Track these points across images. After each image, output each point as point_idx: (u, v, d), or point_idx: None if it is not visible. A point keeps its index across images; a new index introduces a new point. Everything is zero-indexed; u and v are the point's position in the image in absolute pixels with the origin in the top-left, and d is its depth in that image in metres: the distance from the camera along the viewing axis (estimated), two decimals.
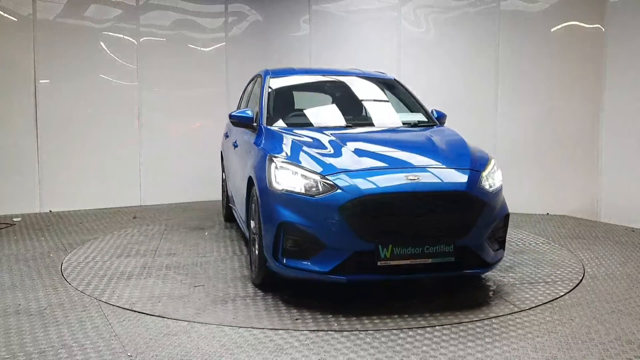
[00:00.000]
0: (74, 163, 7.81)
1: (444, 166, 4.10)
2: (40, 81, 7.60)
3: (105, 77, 8.00)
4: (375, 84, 5.73)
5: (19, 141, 7.54)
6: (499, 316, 3.79)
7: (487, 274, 4.71)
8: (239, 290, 4.36)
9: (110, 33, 8.00)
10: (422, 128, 5.08)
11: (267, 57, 8.71)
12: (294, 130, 4.68)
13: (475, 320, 3.71)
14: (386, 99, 5.63)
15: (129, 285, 4.46)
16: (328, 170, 3.90)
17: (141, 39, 8.20)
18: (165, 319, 3.75)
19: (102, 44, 7.96)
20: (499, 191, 4.21)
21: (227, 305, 4.02)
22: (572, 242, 5.93)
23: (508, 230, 4.44)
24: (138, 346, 3.31)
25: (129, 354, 3.19)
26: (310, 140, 4.42)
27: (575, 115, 7.23)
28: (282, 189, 3.92)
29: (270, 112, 5.08)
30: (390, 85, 5.72)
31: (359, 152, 4.17)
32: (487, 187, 4.07)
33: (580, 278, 4.65)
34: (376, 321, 3.69)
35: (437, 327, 3.60)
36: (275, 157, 4.11)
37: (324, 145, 4.32)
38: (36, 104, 7.58)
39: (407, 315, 3.79)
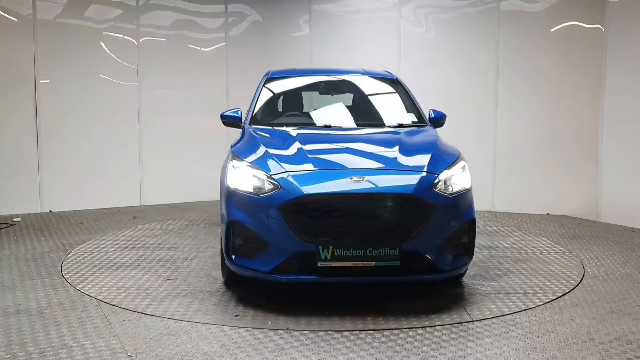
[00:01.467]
0: (74, 163, 7.80)
1: (396, 168, 4.02)
2: (40, 81, 7.60)
3: (105, 77, 8.00)
4: (373, 83, 5.70)
5: (19, 141, 7.53)
6: (499, 316, 3.79)
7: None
8: (205, 285, 4.47)
9: (110, 33, 8.00)
10: (404, 129, 4.91)
11: (267, 57, 8.71)
12: (268, 130, 4.80)
13: (475, 321, 3.72)
14: (380, 99, 5.60)
15: (110, 275, 4.47)
16: (276, 170, 3.93)
17: (141, 39, 8.20)
18: (165, 319, 3.75)
19: (102, 44, 7.95)
20: (461, 195, 4.03)
21: (184, 298, 4.17)
22: (572, 242, 5.93)
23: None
24: (138, 346, 3.31)
25: (129, 354, 3.20)
26: (276, 140, 4.52)
27: (575, 115, 7.23)
28: (234, 188, 4.01)
29: (256, 112, 5.19)
30: (388, 85, 5.66)
31: (315, 153, 4.21)
32: (442, 190, 3.92)
33: (580, 278, 4.65)
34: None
35: (437, 327, 3.60)
36: (235, 156, 4.22)
37: (286, 145, 4.35)
38: (36, 104, 7.58)
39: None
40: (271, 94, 5.53)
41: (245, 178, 3.99)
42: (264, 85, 5.56)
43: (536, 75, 7.43)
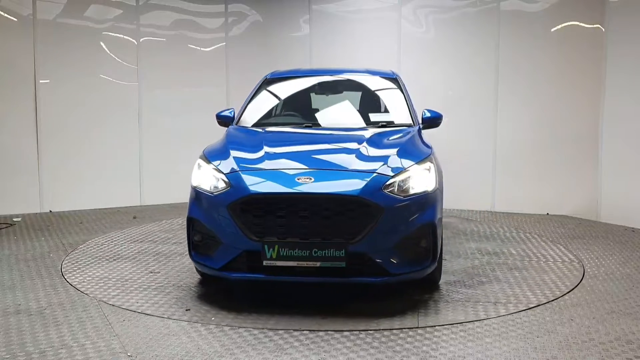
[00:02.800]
0: (74, 163, 7.81)
1: (349, 170, 3.95)
2: (40, 81, 7.60)
3: (105, 77, 8.00)
4: (370, 83, 5.66)
5: (19, 141, 7.53)
6: (499, 316, 3.79)
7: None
8: (179, 280, 4.60)
9: (110, 33, 8.00)
10: (383, 129, 4.84)
11: (267, 57, 8.71)
12: (246, 130, 4.90)
13: (475, 321, 3.71)
14: (373, 98, 5.57)
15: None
16: (230, 169, 4.01)
17: (141, 39, 8.20)
18: (165, 319, 3.75)
19: (102, 44, 7.96)
20: (418, 197, 3.91)
21: (153, 291, 4.33)
22: (572, 242, 5.93)
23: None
24: (138, 346, 3.31)
25: (129, 354, 3.20)
26: (245, 140, 4.60)
27: (576, 115, 7.23)
28: (195, 186, 4.14)
29: (245, 113, 5.29)
30: (384, 85, 5.62)
31: (275, 154, 4.26)
32: (396, 192, 3.84)
33: (580, 278, 4.65)
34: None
35: (437, 327, 3.60)
36: (202, 156, 4.33)
37: (252, 145, 4.40)
38: (36, 104, 7.58)
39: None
40: (264, 95, 5.61)
41: (205, 177, 4.10)
42: (259, 87, 5.66)
43: (536, 75, 7.43)
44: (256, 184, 3.86)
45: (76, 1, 7.82)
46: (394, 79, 5.63)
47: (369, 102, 5.57)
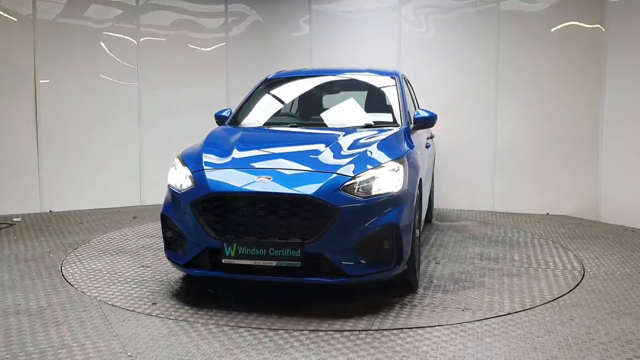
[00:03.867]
0: (74, 163, 7.81)
1: (310, 170, 3.94)
2: (40, 81, 7.60)
3: (105, 77, 8.00)
4: (367, 83, 5.63)
5: (19, 141, 7.53)
6: (499, 316, 3.79)
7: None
8: (164, 275, 4.71)
9: (110, 33, 8.00)
10: (364, 129, 4.78)
11: (267, 57, 8.71)
12: (228, 129, 4.98)
13: (475, 321, 3.71)
14: (365, 98, 5.54)
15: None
16: (196, 167, 4.12)
17: (141, 39, 8.20)
18: (165, 319, 3.75)
19: (102, 44, 7.95)
20: (381, 198, 3.85)
21: (134, 284, 4.47)
22: (572, 242, 5.93)
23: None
24: (138, 346, 3.31)
25: (129, 354, 3.20)
26: (222, 139, 4.66)
27: (576, 115, 7.23)
28: (169, 184, 4.26)
29: (237, 113, 5.38)
30: (381, 84, 5.54)
31: (244, 152, 4.31)
32: (356, 193, 3.81)
33: (580, 278, 4.65)
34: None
35: (437, 327, 3.60)
36: (179, 155, 4.48)
37: (225, 144, 4.48)
38: (36, 104, 7.58)
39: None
40: (260, 95, 5.67)
41: (177, 175, 4.23)
42: (257, 87, 5.72)
43: (536, 75, 7.44)
44: (217, 183, 3.93)
45: (76, 1, 7.82)
46: (392, 78, 5.55)
47: (361, 102, 5.54)
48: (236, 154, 4.25)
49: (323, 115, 5.41)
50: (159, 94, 8.34)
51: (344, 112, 5.38)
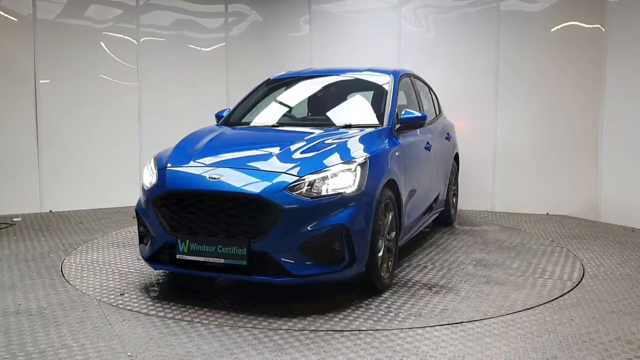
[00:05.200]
0: (74, 163, 7.81)
1: (262, 169, 3.97)
2: (40, 81, 7.60)
3: (105, 77, 8.00)
4: (363, 82, 5.59)
5: (19, 141, 7.53)
6: (499, 316, 3.79)
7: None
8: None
9: (110, 33, 8.00)
10: (338, 130, 4.72)
11: (267, 57, 8.72)
12: (209, 129, 5.04)
13: (475, 321, 3.71)
14: (354, 98, 5.51)
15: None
16: (161, 165, 4.28)
17: (141, 39, 8.20)
18: (165, 319, 3.75)
19: (102, 44, 7.96)
20: (330, 199, 3.83)
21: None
22: (572, 242, 5.93)
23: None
24: (138, 346, 3.31)
25: (129, 354, 3.20)
26: (198, 138, 4.72)
27: (575, 115, 7.23)
28: (142, 181, 4.41)
29: (232, 114, 5.49)
30: (376, 84, 5.44)
31: (208, 151, 4.38)
32: (304, 193, 3.80)
33: (580, 278, 4.65)
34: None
35: (437, 327, 3.60)
36: (156, 154, 4.60)
37: (197, 143, 4.58)
38: (36, 104, 7.58)
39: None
40: (257, 96, 5.73)
41: (147, 172, 4.40)
42: (257, 87, 5.79)
43: (536, 75, 7.44)
44: (174, 181, 4.08)
45: (76, 1, 7.82)
46: (389, 77, 5.41)
47: (349, 102, 5.51)
48: (200, 153, 4.37)
49: (306, 115, 5.42)
50: (158, 94, 8.34)
51: (327, 113, 5.33)
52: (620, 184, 6.72)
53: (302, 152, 4.16)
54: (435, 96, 6.83)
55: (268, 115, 5.45)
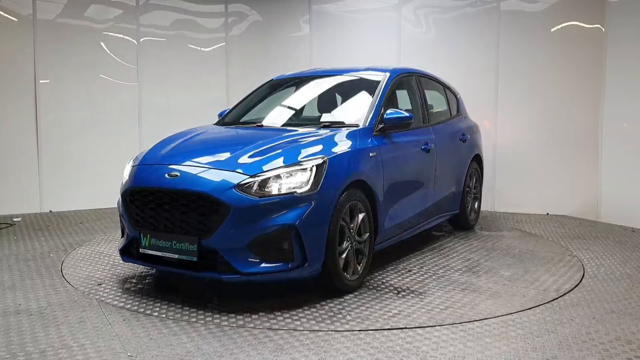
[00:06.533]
0: (74, 163, 7.81)
1: (216, 168, 4.03)
2: (40, 81, 7.60)
3: (105, 77, 8.00)
4: (358, 82, 5.50)
5: (19, 141, 7.54)
6: (499, 316, 3.79)
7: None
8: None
9: (110, 33, 8.01)
10: (315, 129, 4.64)
11: (267, 57, 8.72)
12: (194, 129, 5.18)
13: (475, 321, 3.71)
14: (344, 98, 5.47)
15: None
16: (134, 163, 4.48)
17: (141, 39, 8.20)
18: (165, 319, 3.75)
19: (102, 44, 7.96)
20: (279, 198, 3.84)
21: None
22: (572, 242, 5.93)
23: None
24: (138, 346, 3.31)
25: (129, 354, 3.20)
26: (178, 137, 4.89)
27: (575, 115, 7.23)
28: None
29: (228, 114, 5.63)
30: (369, 83, 5.32)
31: (181, 150, 4.51)
32: (253, 192, 3.83)
33: (580, 278, 4.65)
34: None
35: (437, 327, 3.60)
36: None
37: (173, 141, 4.74)
38: (36, 103, 7.58)
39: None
40: (255, 96, 5.77)
41: (126, 169, 4.54)
42: (258, 88, 5.82)
43: (536, 75, 7.44)
44: (139, 178, 4.26)
45: (76, 1, 7.82)
46: (382, 76, 5.29)
47: (337, 102, 5.50)
48: (170, 151, 4.49)
49: (289, 115, 5.35)
50: (158, 94, 8.35)
51: (308, 112, 5.33)
52: (620, 184, 6.71)
53: (261, 152, 4.17)
54: (456, 96, 6.70)
55: (257, 115, 5.49)
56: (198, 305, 4.01)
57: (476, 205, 6.75)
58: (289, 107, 5.57)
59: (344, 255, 4.17)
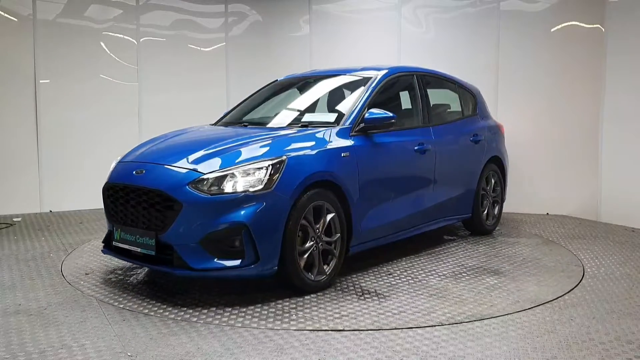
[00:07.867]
0: (74, 163, 7.81)
1: (175, 165, 4.16)
2: (40, 81, 7.61)
3: (105, 77, 8.00)
4: (345, 82, 5.50)
5: (19, 141, 7.54)
6: (499, 316, 3.79)
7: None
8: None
9: (110, 33, 8.01)
10: (291, 129, 4.69)
11: (267, 57, 8.71)
12: (184, 129, 5.31)
13: (475, 320, 3.71)
14: (331, 97, 5.45)
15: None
16: (117, 160, 4.75)
17: (141, 39, 8.20)
18: (165, 319, 3.75)
19: (102, 44, 7.96)
20: (231, 196, 3.87)
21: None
22: (572, 242, 5.93)
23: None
24: (138, 346, 3.31)
25: (129, 354, 3.20)
26: (165, 135, 5.06)
27: (575, 115, 7.23)
28: None
29: (226, 114, 5.75)
30: (358, 82, 5.27)
31: (156, 148, 4.68)
32: (206, 190, 3.90)
33: (580, 278, 4.65)
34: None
35: (437, 327, 3.60)
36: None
37: (157, 140, 4.92)
38: (36, 104, 7.58)
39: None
40: (254, 96, 5.84)
41: (111, 166, 4.77)
42: (260, 89, 5.86)
43: (536, 75, 7.44)
44: (113, 174, 4.55)
45: (76, 1, 7.83)
46: (374, 76, 5.21)
47: (325, 102, 5.48)
48: (147, 150, 4.68)
49: (274, 115, 5.34)
50: (158, 94, 8.35)
51: (296, 113, 5.28)
52: (620, 184, 6.71)
53: (221, 150, 4.24)
54: (474, 96, 6.49)
55: (251, 115, 5.53)
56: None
57: (496, 210, 6.41)
58: (284, 108, 5.57)
59: (305, 255, 4.15)
